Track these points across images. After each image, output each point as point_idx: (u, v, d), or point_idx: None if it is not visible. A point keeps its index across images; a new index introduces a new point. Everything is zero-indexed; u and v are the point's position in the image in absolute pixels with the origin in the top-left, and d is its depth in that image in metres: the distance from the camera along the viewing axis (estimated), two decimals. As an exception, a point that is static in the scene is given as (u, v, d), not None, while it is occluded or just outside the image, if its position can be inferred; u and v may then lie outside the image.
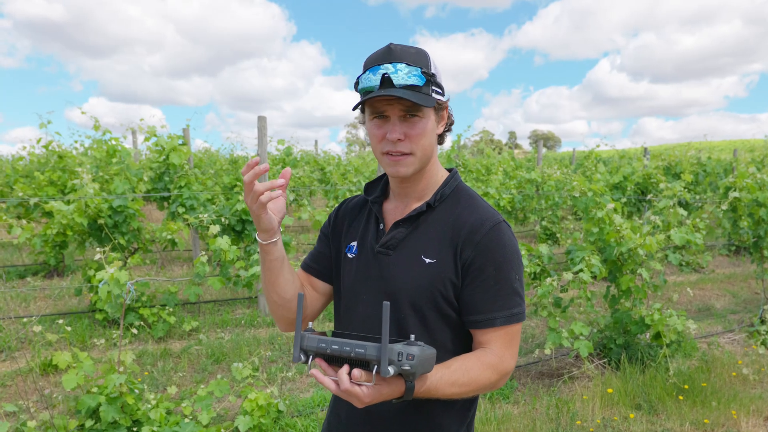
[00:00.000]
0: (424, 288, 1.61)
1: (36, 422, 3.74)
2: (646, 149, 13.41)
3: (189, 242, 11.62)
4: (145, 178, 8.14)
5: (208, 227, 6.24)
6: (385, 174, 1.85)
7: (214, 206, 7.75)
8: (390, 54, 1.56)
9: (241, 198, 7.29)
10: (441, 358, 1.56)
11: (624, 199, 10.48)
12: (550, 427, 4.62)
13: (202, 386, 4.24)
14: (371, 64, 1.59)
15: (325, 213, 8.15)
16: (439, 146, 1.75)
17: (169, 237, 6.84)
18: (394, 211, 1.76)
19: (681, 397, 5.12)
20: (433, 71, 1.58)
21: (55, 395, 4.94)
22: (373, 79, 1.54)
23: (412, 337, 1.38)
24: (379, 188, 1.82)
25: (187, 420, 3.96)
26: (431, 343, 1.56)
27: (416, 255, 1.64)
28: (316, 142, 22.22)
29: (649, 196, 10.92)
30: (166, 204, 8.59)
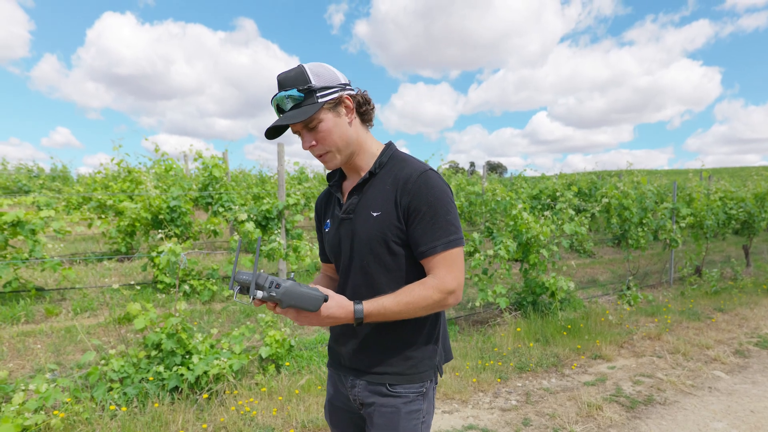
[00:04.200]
0: (375, 235, 1.53)
1: (115, 351, 3.85)
2: (556, 174, 13.89)
3: (227, 234, 11.73)
4: (194, 186, 8.29)
5: (242, 222, 6.43)
6: None
7: (245, 207, 7.94)
8: (277, 85, 1.50)
9: (266, 200, 7.45)
10: (398, 288, 1.52)
11: (540, 205, 10.82)
12: (477, 353, 4.88)
13: (236, 329, 4.31)
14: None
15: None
16: (368, 124, 1.65)
17: (212, 228, 7.00)
18: (350, 185, 1.66)
19: (564, 333, 5.46)
20: (309, 83, 1.47)
21: (128, 335, 5.09)
22: (274, 111, 1.52)
23: (292, 274, 1.39)
24: (337, 174, 1.73)
25: (224, 350, 4.03)
26: (388, 276, 1.56)
27: (367, 212, 1.56)
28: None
29: (557, 203, 11.25)
30: (210, 207, 8.73)
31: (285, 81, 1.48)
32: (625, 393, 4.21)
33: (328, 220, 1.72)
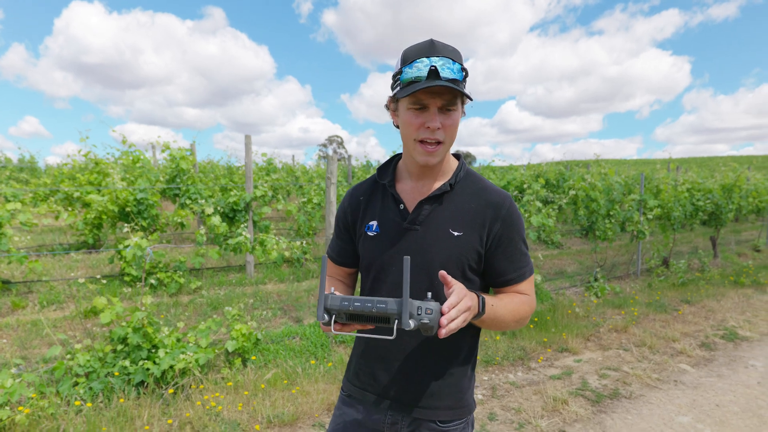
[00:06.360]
0: (454, 257, 1.41)
1: (81, 345, 3.87)
2: (524, 165, 14.14)
3: (194, 226, 11.69)
4: (162, 178, 8.23)
5: (208, 216, 6.44)
6: (394, 158, 1.60)
7: (213, 199, 7.92)
8: (434, 48, 1.31)
9: (233, 192, 7.47)
10: None
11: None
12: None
13: (203, 323, 4.34)
14: (415, 56, 1.32)
15: (294, 206, 8.40)
16: None
17: (179, 221, 6.98)
18: (412, 191, 1.50)
19: (531, 326, 5.52)
20: (466, 69, 1.35)
21: (94, 329, 5.08)
22: (421, 71, 1.29)
23: (429, 295, 1.19)
24: (389, 172, 1.56)
25: (190, 344, 4.07)
26: None
27: (444, 229, 1.43)
28: (293, 156, 22.23)
29: (524, 195, 11.44)
30: (177, 199, 8.67)
31: (444, 50, 1.32)
32: (590, 387, 4.24)
33: (374, 223, 1.53)
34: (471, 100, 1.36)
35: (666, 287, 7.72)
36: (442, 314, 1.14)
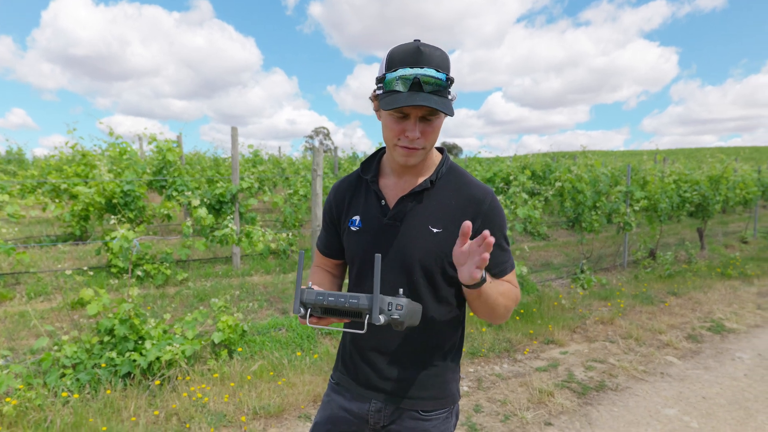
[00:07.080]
0: (433, 254, 1.42)
1: (68, 337, 3.91)
2: (511, 157, 14.22)
3: (181, 217, 11.69)
4: (148, 170, 8.23)
5: (195, 208, 6.47)
6: (378, 152, 1.61)
7: (199, 191, 7.96)
8: (419, 57, 1.27)
9: (219, 184, 7.50)
10: (445, 312, 1.48)
11: (494, 189, 11.07)
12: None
13: (189, 314, 4.36)
14: (399, 63, 1.28)
15: (280, 197, 8.43)
16: None
17: (165, 212, 7.01)
18: (394, 186, 1.51)
19: (517, 318, 5.56)
20: (451, 75, 1.31)
21: (81, 320, 5.11)
22: (405, 77, 1.26)
23: (401, 291, 1.22)
24: (373, 167, 1.56)
25: (177, 336, 4.10)
26: (437, 299, 1.47)
27: (423, 225, 1.43)
28: (279, 148, 22.18)
29: (510, 187, 11.51)
30: (164, 191, 8.68)
31: (431, 58, 1.28)
32: (577, 379, 4.24)
33: (357, 218, 1.54)
34: (452, 116, 1.30)
35: (653, 279, 7.72)
36: (420, 323, 1.18)
